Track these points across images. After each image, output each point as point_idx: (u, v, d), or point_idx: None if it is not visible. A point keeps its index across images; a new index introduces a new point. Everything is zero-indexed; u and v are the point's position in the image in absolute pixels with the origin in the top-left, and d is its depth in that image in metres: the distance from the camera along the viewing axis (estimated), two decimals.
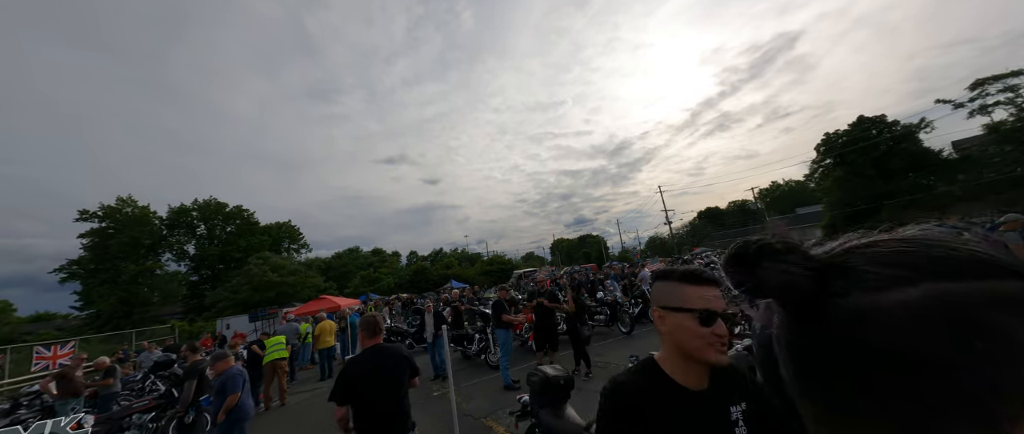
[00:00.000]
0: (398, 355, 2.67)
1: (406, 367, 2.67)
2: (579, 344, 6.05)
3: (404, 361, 2.67)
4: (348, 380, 2.43)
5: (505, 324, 6.31)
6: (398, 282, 49.57)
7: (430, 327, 7.39)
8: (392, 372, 2.57)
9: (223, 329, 20.82)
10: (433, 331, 7.35)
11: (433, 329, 7.36)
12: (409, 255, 75.18)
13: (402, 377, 2.62)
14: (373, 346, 2.63)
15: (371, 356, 2.57)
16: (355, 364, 2.55)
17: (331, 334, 9.78)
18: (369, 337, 2.66)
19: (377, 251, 69.50)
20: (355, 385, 2.42)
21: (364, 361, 2.55)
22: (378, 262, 61.71)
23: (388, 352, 2.64)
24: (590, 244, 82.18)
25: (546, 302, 6.72)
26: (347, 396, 2.41)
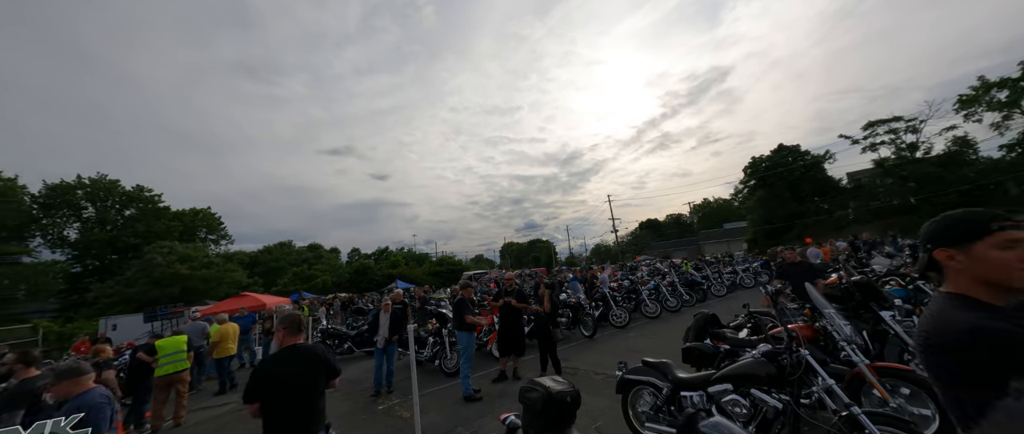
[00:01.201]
0: (314, 355, 2.56)
1: (322, 368, 2.55)
2: (550, 348, 5.49)
3: (320, 361, 2.56)
4: (258, 378, 2.39)
5: (469, 325, 5.55)
6: (336, 280, 45.73)
7: (384, 330, 6.13)
8: (305, 372, 2.47)
9: (108, 330, 17.22)
10: (386, 336, 6.12)
11: (387, 333, 6.12)
12: (351, 252, 70.18)
13: (316, 377, 2.51)
14: (291, 346, 2.53)
15: (286, 355, 2.48)
16: (268, 362, 2.54)
17: (233, 340, 8.16)
18: (289, 335, 2.55)
19: (314, 246, 63.86)
20: (265, 384, 2.37)
21: (277, 359, 2.49)
22: (314, 258, 56.63)
23: (304, 352, 2.54)
24: (540, 248, 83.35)
25: (514, 302, 6.09)
26: (256, 394, 2.37)
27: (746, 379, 2.60)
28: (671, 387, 3.03)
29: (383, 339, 6.05)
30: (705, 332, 4.31)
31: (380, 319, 6.19)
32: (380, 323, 6.14)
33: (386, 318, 6.17)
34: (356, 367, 8.65)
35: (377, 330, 6.17)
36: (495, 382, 5.93)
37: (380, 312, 6.28)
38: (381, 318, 6.18)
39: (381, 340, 6.06)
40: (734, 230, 55.45)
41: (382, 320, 6.15)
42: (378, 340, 6.09)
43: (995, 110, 31.13)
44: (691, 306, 11.09)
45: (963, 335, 0.92)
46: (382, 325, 6.10)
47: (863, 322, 4.03)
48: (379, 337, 6.09)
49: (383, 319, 6.16)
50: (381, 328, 6.09)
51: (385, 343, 6.05)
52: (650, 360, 3.38)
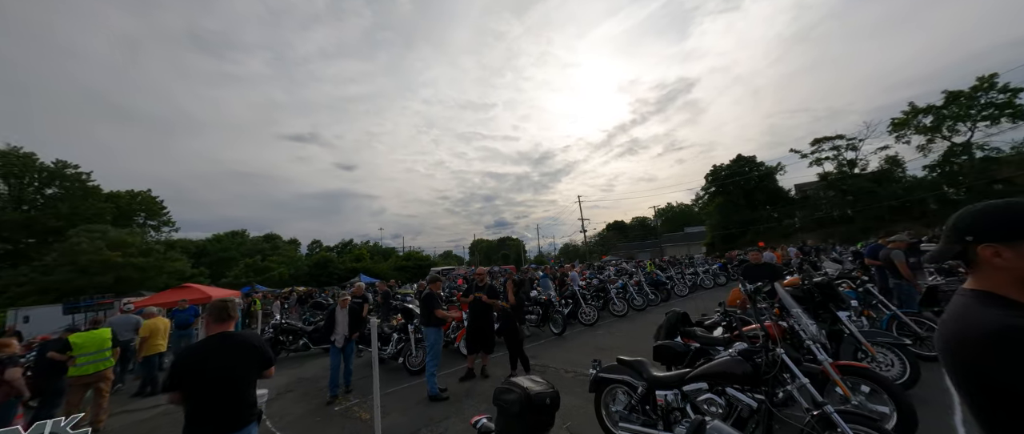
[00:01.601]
0: (246, 343, 2.45)
1: (254, 357, 2.45)
2: (517, 344, 5.35)
3: (252, 350, 2.45)
4: (180, 367, 2.26)
5: (437, 321, 5.29)
6: (294, 273, 43.28)
7: (342, 327, 5.55)
8: (235, 360, 2.35)
9: (18, 322, 15.15)
10: (345, 333, 5.55)
11: (346, 331, 5.55)
12: (311, 244, 66.79)
13: (247, 366, 2.41)
14: (219, 333, 2.41)
15: (213, 342, 2.37)
16: (192, 350, 2.40)
17: (163, 336, 7.38)
18: (215, 323, 2.44)
19: (271, 237, 60.10)
20: (189, 372, 2.23)
21: (203, 347, 2.38)
22: (270, 249, 53.29)
23: (234, 339, 2.42)
24: (509, 246, 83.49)
25: (485, 297, 5.90)
26: (179, 382, 2.22)
27: (722, 377, 2.58)
28: (646, 386, 2.97)
29: (342, 337, 5.51)
30: (676, 330, 4.34)
31: (337, 316, 5.62)
32: (337, 320, 5.58)
33: (344, 315, 5.61)
34: (313, 365, 8.10)
35: (333, 328, 5.60)
36: (462, 380, 5.72)
37: (337, 308, 5.69)
38: (338, 315, 5.61)
39: (340, 338, 5.51)
40: (694, 234, 58.35)
41: (339, 317, 5.58)
42: (335, 339, 5.52)
43: (921, 133, 34.80)
44: (656, 305, 11.41)
45: (996, 334, 0.84)
46: (339, 322, 5.54)
47: (821, 322, 4.21)
48: (336, 335, 5.53)
49: (340, 316, 5.59)
50: (338, 325, 5.54)
51: (344, 342, 5.52)
52: (625, 358, 3.31)
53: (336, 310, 5.69)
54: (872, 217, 34.44)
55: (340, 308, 5.67)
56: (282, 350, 9.40)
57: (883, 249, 5.88)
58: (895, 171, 37.04)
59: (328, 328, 5.68)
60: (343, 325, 5.53)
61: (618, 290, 10.97)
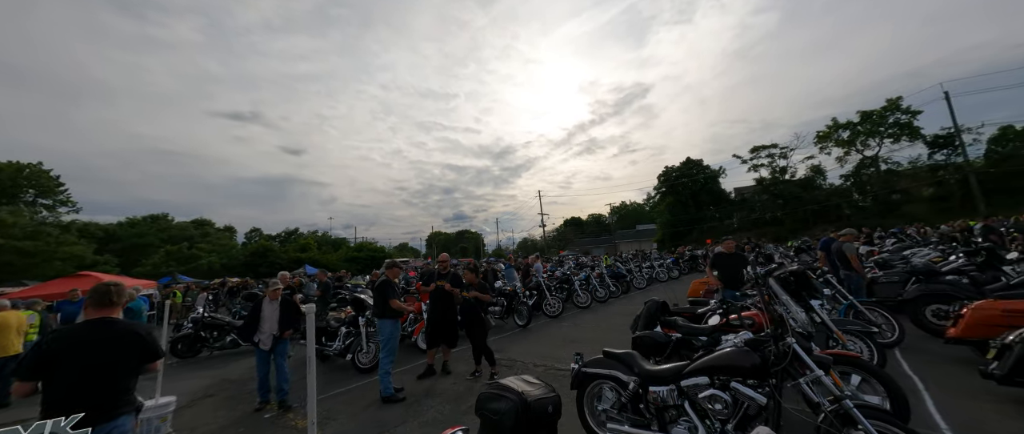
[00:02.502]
0: (127, 332, 2.25)
1: (134, 347, 2.23)
2: (482, 337, 4.88)
3: (133, 340, 2.24)
4: (45, 352, 2.04)
5: (393, 312, 4.65)
6: (227, 263, 39.09)
7: (271, 324, 4.51)
8: (110, 349, 2.14)
9: None
10: (274, 333, 4.50)
11: (275, 328, 4.52)
12: (250, 232, 60.94)
13: (126, 356, 2.20)
14: (99, 319, 2.21)
15: (87, 328, 2.18)
16: (61, 334, 2.18)
17: (17, 334, 5.81)
18: (95, 307, 2.23)
19: (201, 223, 53.89)
20: (53, 360, 2.02)
21: (75, 332, 2.17)
22: (199, 236, 47.73)
23: (115, 327, 2.22)
24: (468, 239, 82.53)
25: (448, 286, 5.35)
26: (37, 372, 2.03)
27: (727, 371, 2.31)
28: (638, 381, 2.65)
29: (269, 337, 4.49)
30: (655, 320, 4.12)
31: (264, 310, 4.57)
32: (264, 315, 4.55)
33: (274, 308, 4.59)
34: (241, 365, 7.03)
35: (258, 324, 4.56)
36: (421, 378, 5.14)
37: (265, 300, 4.64)
38: (266, 308, 4.58)
39: (267, 338, 4.49)
40: (645, 231, 61.38)
41: (267, 311, 4.57)
42: (260, 338, 4.51)
43: (840, 146, 39.26)
44: (617, 297, 11.53)
45: None
46: (267, 318, 4.54)
47: None
48: (262, 334, 4.51)
49: (269, 309, 4.58)
50: (265, 321, 4.52)
51: (273, 342, 4.51)
52: (612, 351, 2.98)
53: (264, 303, 4.65)
54: (798, 219, 38.31)
55: (269, 300, 4.65)
56: (205, 348, 8.13)
57: (835, 242, 6.18)
58: (817, 179, 41.44)
59: (251, 325, 4.61)
60: (272, 321, 4.55)
61: (581, 282, 10.90)
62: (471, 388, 4.60)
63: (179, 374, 6.87)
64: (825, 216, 37.83)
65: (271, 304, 4.64)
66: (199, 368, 7.18)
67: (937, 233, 13.30)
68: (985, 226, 9.48)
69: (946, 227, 15.19)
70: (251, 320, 4.67)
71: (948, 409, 3.09)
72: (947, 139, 32.90)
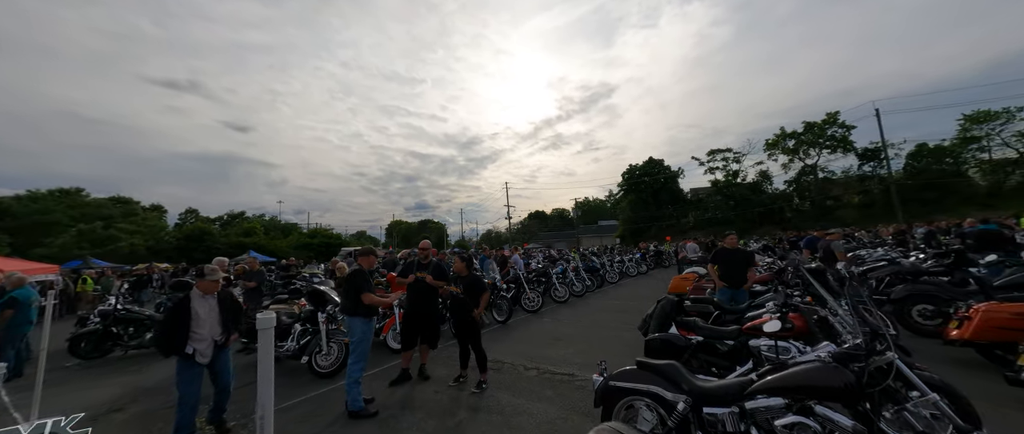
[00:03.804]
0: None
1: None
2: (474, 338, 4.22)
3: None
4: None
5: (366, 309, 3.85)
6: (154, 246, 34.68)
7: (211, 327, 3.25)
8: None
9: None
10: (216, 338, 3.28)
11: (217, 332, 3.30)
12: (185, 213, 54.70)
13: None
14: None
15: None
16: None
17: None
18: None
19: (122, 200, 47.36)
20: None
21: None
22: (120, 215, 41.93)
23: None
24: (431, 229, 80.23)
25: (430, 278, 4.62)
26: None
27: (811, 392, 1.88)
28: (689, 401, 2.16)
29: (209, 345, 3.24)
30: (670, 320, 3.70)
31: (196, 309, 3.20)
32: (196, 317, 3.18)
33: (210, 307, 3.29)
34: (161, 368, 5.80)
35: (186, 330, 3.13)
36: (394, 385, 4.40)
37: (194, 297, 3.24)
38: (198, 307, 3.21)
39: (206, 347, 3.22)
40: (607, 227, 63.10)
41: (200, 310, 3.22)
42: (197, 349, 3.17)
43: (786, 154, 42.51)
44: (593, 291, 11.31)
45: None
46: (203, 319, 3.21)
47: None
48: (197, 343, 3.17)
49: (202, 308, 3.24)
50: (201, 324, 3.19)
51: (215, 351, 3.30)
52: (649, 361, 2.48)
53: (193, 300, 3.23)
54: (748, 220, 41.08)
55: (201, 296, 3.29)
56: (117, 347, 6.72)
57: (821, 240, 6.21)
58: (764, 183, 44.65)
59: (175, 331, 3.14)
60: (211, 323, 3.27)
61: (558, 275, 10.52)
62: (457, 398, 3.94)
63: (81, 381, 5.55)
64: (770, 217, 40.97)
65: (205, 300, 3.32)
66: (107, 373, 5.86)
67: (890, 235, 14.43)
68: (928, 231, 10.29)
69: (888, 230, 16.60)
70: (173, 324, 3.15)
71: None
72: (874, 152, 36.67)
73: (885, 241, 11.84)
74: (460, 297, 4.23)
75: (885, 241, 11.84)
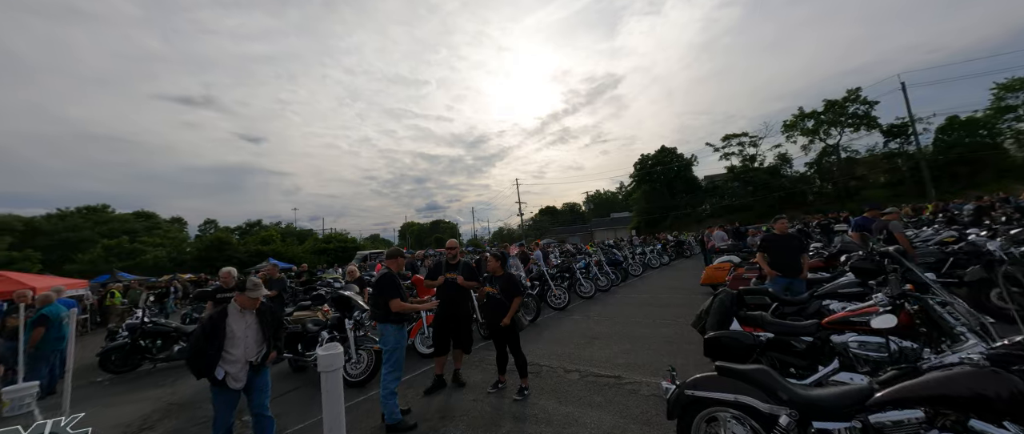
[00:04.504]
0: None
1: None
2: (512, 341, 3.94)
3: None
4: None
5: (398, 315, 3.61)
6: (176, 257, 35.54)
7: (245, 347, 2.89)
8: None
9: None
10: (251, 359, 2.90)
11: (252, 352, 2.92)
12: (203, 224, 56.05)
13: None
14: None
15: None
16: None
17: None
18: None
19: (146, 215, 48.80)
20: None
21: None
22: (144, 229, 43.18)
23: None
24: (443, 229, 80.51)
25: (462, 279, 4.37)
26: None
27: (962, 403, 1.53)
28: (793, 413, 1.83)
29: (244, 367, 2.86)
30: (730, 315, 3.36)
31: (231, 326, 2.84)
32: (231, 335, 2.83)
33: (247, 323, 2.93)
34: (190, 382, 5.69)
35: (218, 352, 2.78)
36: (429, 394, 4.17)
37: (231, 312, 2.89)
38: (234, 324, 2.86)
39: (240, 371, 2.85)
40: (619, 219, 62.23)
41: (236, 327, 2.86)
42: (230, 373, 2.80)
43: (805, 135, 40.96)
44: (618, 285, 10.94)
45: None
46: (237, 338, 2.85)
47: None
48: (230, 366, 2.81)
49: (238, 325, 2.88)
50: (235, 344, 2.83)
51: (250, 375, 2.92)
52: (733, 366, 2.15)
53: (230, 316, 2.88)
54: (767, 205, 39.82)
55: (239, 311, 2.92)
56: (145, 360, 6.68)
57: (874, 221, 5.72)
58: (783, 166, 43.19)
59: (206, 352, 2.77)
60: (247, 342, 2.90)
61: (582, 270, 10.19)
62: (499, 407, 3.68)
63: (111, 395, 5.49)
64: (791, 202, 39.60)
65: (243, 317, 2.93)
66: (138, 387, 5.80)
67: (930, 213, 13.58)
68: (977, 207, 9.59)
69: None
70: (204, 343, 2.77)
71: None
72: (900, 128, 35.01)
73: (932, 220, 11.11)
74: (497, 298, 3.95)
75: (932, 220, 11.11)
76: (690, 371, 4.00)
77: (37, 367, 5.48)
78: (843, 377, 2.62)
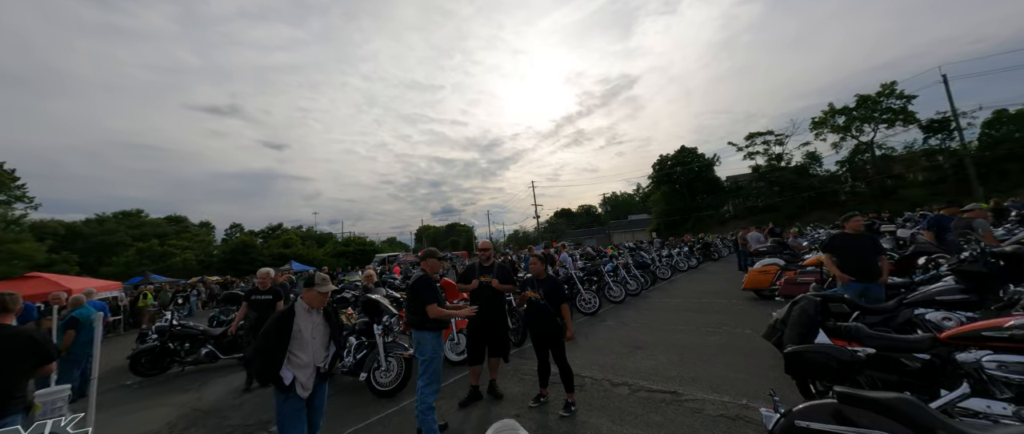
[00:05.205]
0: (18, 336, 2.50)
1: (23, 350, 2.47)
2: (558, 350, 3.59)
3: (23, 343, 2.49)
4: None
5: (434, 322, 3.32)
6: (204, 260, 36.67)
7: (313, 351, 2.61)
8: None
9: None
10: (319, 365, 2.64)
11: (320, 357, 2.66)
12: (230, 228, 57.85)
13: (13, 359, 2.42)
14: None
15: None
16: None
17: None
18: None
19: (177, 219, 50.75)
20: None
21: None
22: (174, 233, 44.82)
23: (4, 332, 2.45)
24: (459, 232, 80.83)
25: (497, 283, 4.06)
26: None
27: None
28: None
29: (312, 374, 2.58)
30: (815, 326, 2.92)
31: (300, 326, 2.56)
32: (299, 334, 2.54)
33: (316, 324, 2.65)
34: (217, 387, 5.58)
35: (282, 354, 2.49)
36: (464, 406, 3.87)
37: (298, 310, 2.60)
38: (303, 324, 2.57)
39: (308, 377, 2.56)
40: (638, 221, 61.02)
41: (304, 328, 2.57)
42: (299, 381, 2.51)
43: (835, 132, 39.09)
44: (647, 289, 10.44)
45: None
46: (306, 341, 2.56)
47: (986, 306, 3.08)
48: (299, 371, 2.53)
49: (306, 326, 2.59)
50: (303, 348, 2.55)
51: (318, 380, 2.65)
52: (861, 393, 1.75)
53: (297, 314, 2.58)
54: (795, 205, 38.17)
55: (305, 310, 2.63)
56: (174, 363, 6.64)
57: (952, 219, 5.13)
58: (812, 165, 41.32)
59: (272, 353, 2.46)
60: (316, 346, 2.62)
61: (610, 273, 9.74)
62: (544, 424, 3.34)
63: (138, 401, 5.41)
64: (821, 202, 37.81)
65: (310, 317, 2.64)
66: (165, 392, 5.71)
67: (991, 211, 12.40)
68: None
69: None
70: (272, 344, 2.47)
71: None
72: (942, 123, 32.97)
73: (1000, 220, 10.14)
74: (541, 304, 3.62)
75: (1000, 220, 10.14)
76: (755, 388, 3.58)
77: (69, 370, 5.46)
78: (977, 404, 2.17)
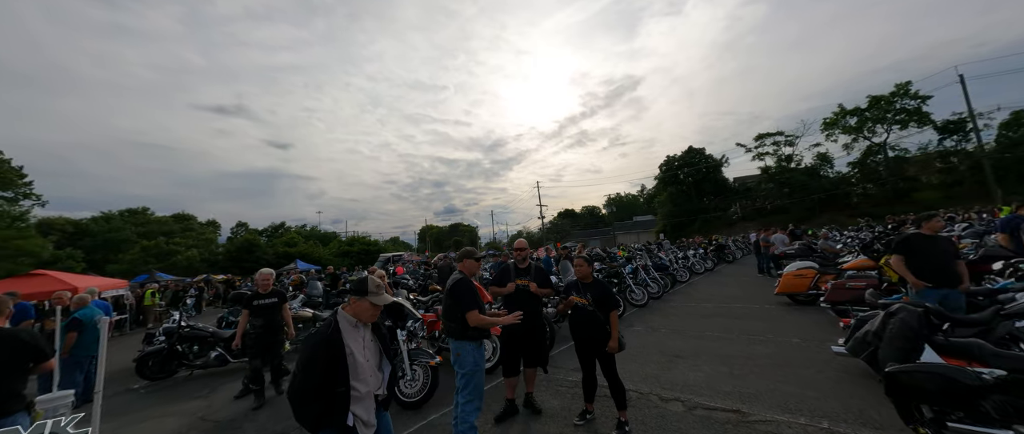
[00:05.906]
0: (11, 338, 2.53)
1: (21, 350, 2.53)
2: (607, 362, 3.23)
3: (17, 344, 2.53)
4: None
5: (475, 331, 2.97)
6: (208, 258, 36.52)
7: (371, 374, 1.95)
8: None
9: None
10: (377, 392, 2.01)
11: (379, 382, 2.02)
12: (235, 227, 57.75)
13: (9, 358, 2.47)
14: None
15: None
16: None
17: None
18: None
19: (182, 217, 50.64)
20: None
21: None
22: (180, 230, 44.71)
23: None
24: (462, 232, 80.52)
25: (535, 286, 3.71)
26: None
27: None
28: None
29: (371, 403, 1.96)
30: (920, 341, 2.54)
31: (351, 346, 1.88)
32: (352, 358, 1.87)
33: (364, 342, 1.98)
34: (226, 392, 5.24)
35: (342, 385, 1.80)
36: (501, 422, 3.52)
37: (343, 326, 1.91)
38: (351, 343, 1.90)
39: (368, 408, 1.92)
40: (643, 222, 60.43)
41: (355, 349, 1.90)
42: (359, 417, 1.85)
43: (847, 133, 38.48)
44: (668, 292, 10.06)
45: None
46: (360, 365, 1.89)
47: None
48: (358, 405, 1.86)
49: (357, 345, 1.92)
50: (360, 373, 1.88)
51: (380, 407, 2.06)
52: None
53: (345, 332, 1.92)
54: (805, 208, 37.57)
55: (351, 325, 1.97)
56: (182, 366, 6.32)
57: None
58: (823, 167, 40.68)
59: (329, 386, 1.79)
60: (371, 368, 1.98)
61: (631, 275, 9.37)
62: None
63: (144, 407, 5.09)
64: (833, 204, 37.21)
65: (358, 333, 1.97)
66: (173, 398, 5.39)
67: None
68: None
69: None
70: (321, 377, 1.78)
71: None
72: (958, 124, 32.32)
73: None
74: (589, 310, 3.26)
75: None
76: (831, 407, 3.14)
77: (71, 374, 5.16)
78: None
